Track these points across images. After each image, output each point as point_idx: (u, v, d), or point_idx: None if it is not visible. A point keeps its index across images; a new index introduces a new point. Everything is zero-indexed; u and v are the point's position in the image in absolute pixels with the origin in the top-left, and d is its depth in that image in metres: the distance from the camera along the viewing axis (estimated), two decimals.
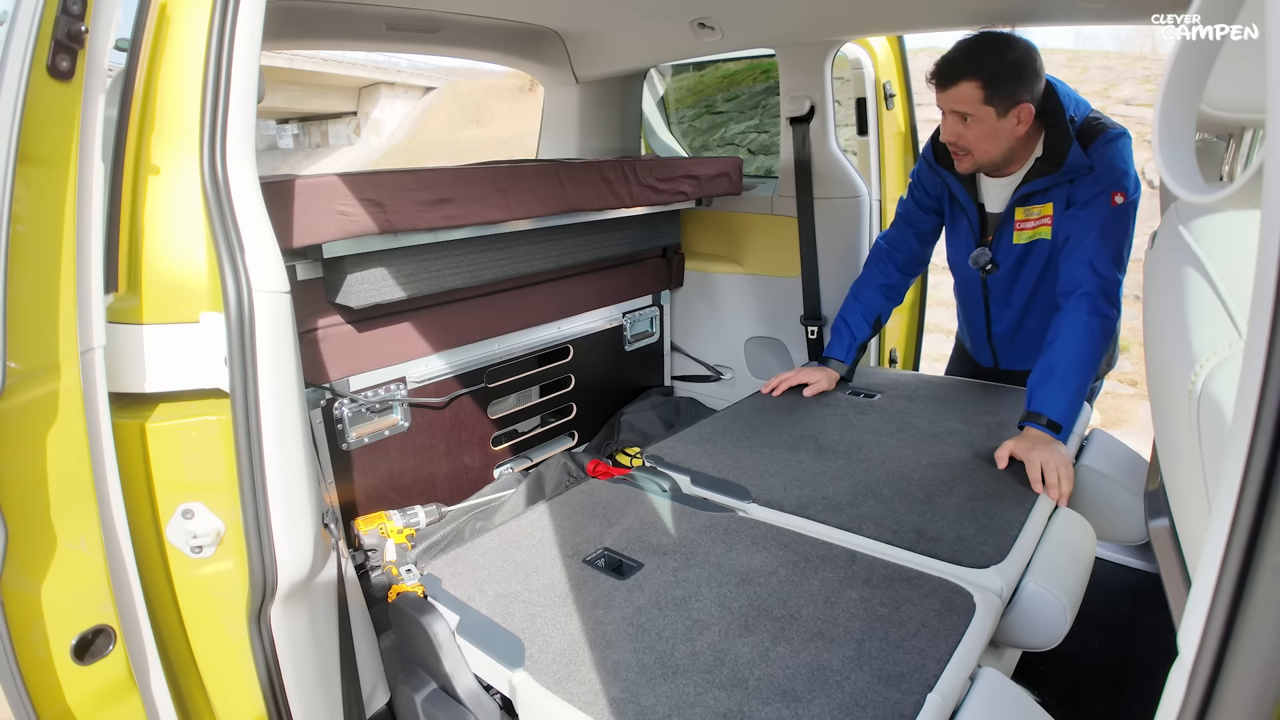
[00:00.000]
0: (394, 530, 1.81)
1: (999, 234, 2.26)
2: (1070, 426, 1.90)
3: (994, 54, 1.99)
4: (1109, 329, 1.98)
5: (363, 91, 33.95)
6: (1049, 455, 1.81)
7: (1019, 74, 1.98)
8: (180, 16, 1.19)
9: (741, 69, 6.18)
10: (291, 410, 1.27)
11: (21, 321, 1.00)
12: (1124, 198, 2.00)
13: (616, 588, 1.49)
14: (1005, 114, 2.01)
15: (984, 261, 2.31)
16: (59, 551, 1.06)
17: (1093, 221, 2.02)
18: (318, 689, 1.44)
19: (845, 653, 1.27)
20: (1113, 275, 1.99)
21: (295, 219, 1.67)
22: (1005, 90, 1.98)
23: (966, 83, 2.00)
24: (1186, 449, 0.70)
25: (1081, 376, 1.94)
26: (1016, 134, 2.05)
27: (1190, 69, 0.53)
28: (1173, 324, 0.80)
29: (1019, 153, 2.13)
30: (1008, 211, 2.21)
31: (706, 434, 2.18)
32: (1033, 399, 1.94)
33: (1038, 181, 2.10)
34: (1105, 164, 2.02)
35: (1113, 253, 2.00)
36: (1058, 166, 2.06)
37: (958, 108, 2.05)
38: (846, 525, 1.66)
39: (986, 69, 1.98)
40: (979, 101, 2.00)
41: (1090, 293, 1.97)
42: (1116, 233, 2.00)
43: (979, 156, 2.11)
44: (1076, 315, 1.97)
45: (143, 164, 1.19)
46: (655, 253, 3.08)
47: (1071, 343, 1.95)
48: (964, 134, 2.07)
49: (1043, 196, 2.14)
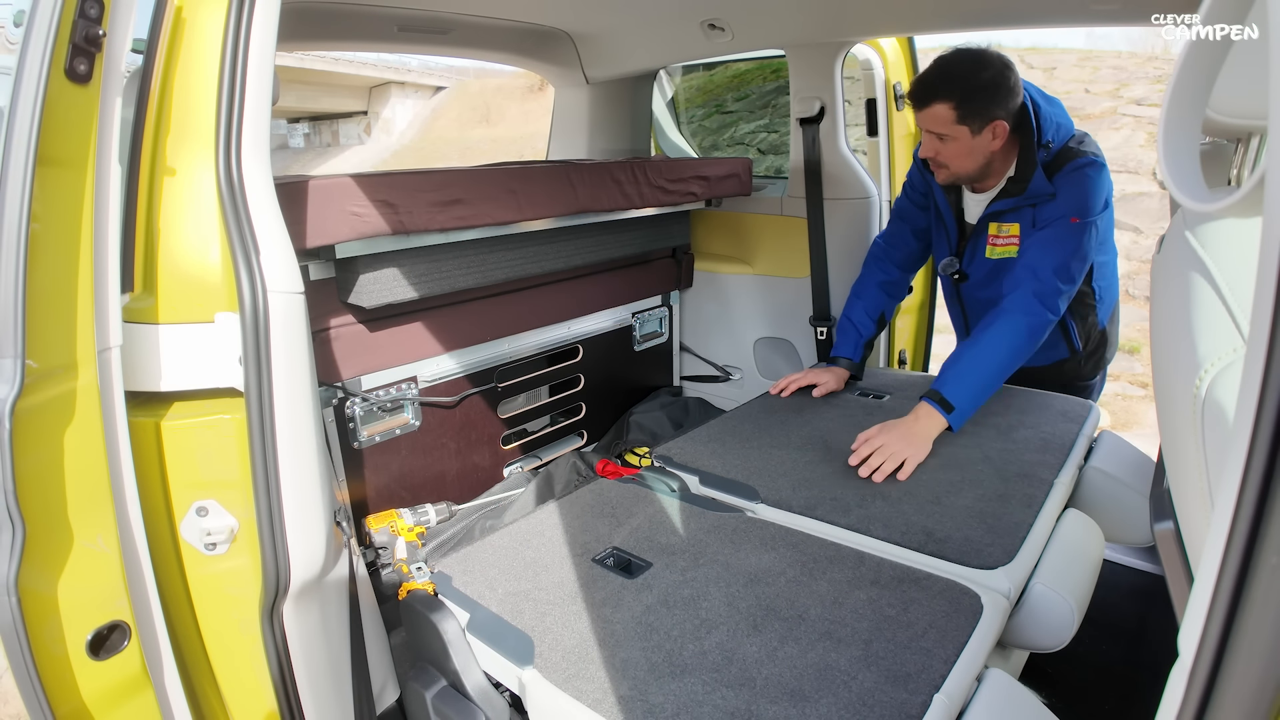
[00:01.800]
0: (404, 528, 1.82)
1: (972, 245, 2.30)
2: (964, 409, 1.98)
3: (967, 74, 2.02)
4: (1036, 328, 2.03)
5: (373, 91, 34.02)
6: (892, 440, 1.91)
7: (992, 93, 2.01)
8: (196, 19, 1.20)
9: (751, 68, 6.18)
10: (305, 409, 1.28)
11: (40, 321, 1.01)
12: (1080, 220, 2.04)
13: (625, 587, 1.50)
14: (979, 131, 2.05)
15: (952, 270, 2.38)
16: (75, 548, 1.07)
17: (1045, 234, 2.08)
18: (329, 685, 1.45)
19: (853, 653, 1.28)
20: (1051, 281, 2.03)
21: (309, 220, 1.69)
22: (978, 109, 2.02)
23: (940, 104, 2.03)
24: (1191, 453, 0.71)
25: (992, 366, 2.02)
26: (992, 149, 2.09)
27: (1196, 75, 0.53)
28: (1178, 329, 0.80)
29: (996, 167, 2.17)
30: (981, 224, 2.25)
31: (715, 434, 2.18)
32: (939, 377, 2.04)
33: (1006, 201, 2.15)
34: (1068, 192, 2.06)
35: (1056, 261, 2.04)
36: (1023, 189, 2.10)
37: (933, 128, 2.08)
38: (855, 526, 1.66)
39: (959, 90, 2.01)
40: (952, 121, 2.04)
41: (1026, 294, 2.03)
42: (1066, 245, 2.05)
43: (955, 170, 2.15)
44: (1005, 313, 2.03)
45: (159, 165, 1.20)
46: (665, 253, 3.09)
47: (992, 334, 2.03)
48: (940, 150, 2.11)
49: (1011, 215, 2.18)
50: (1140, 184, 9.44)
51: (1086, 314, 2.35)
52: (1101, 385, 2.65)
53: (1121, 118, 11.07)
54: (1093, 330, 2.39)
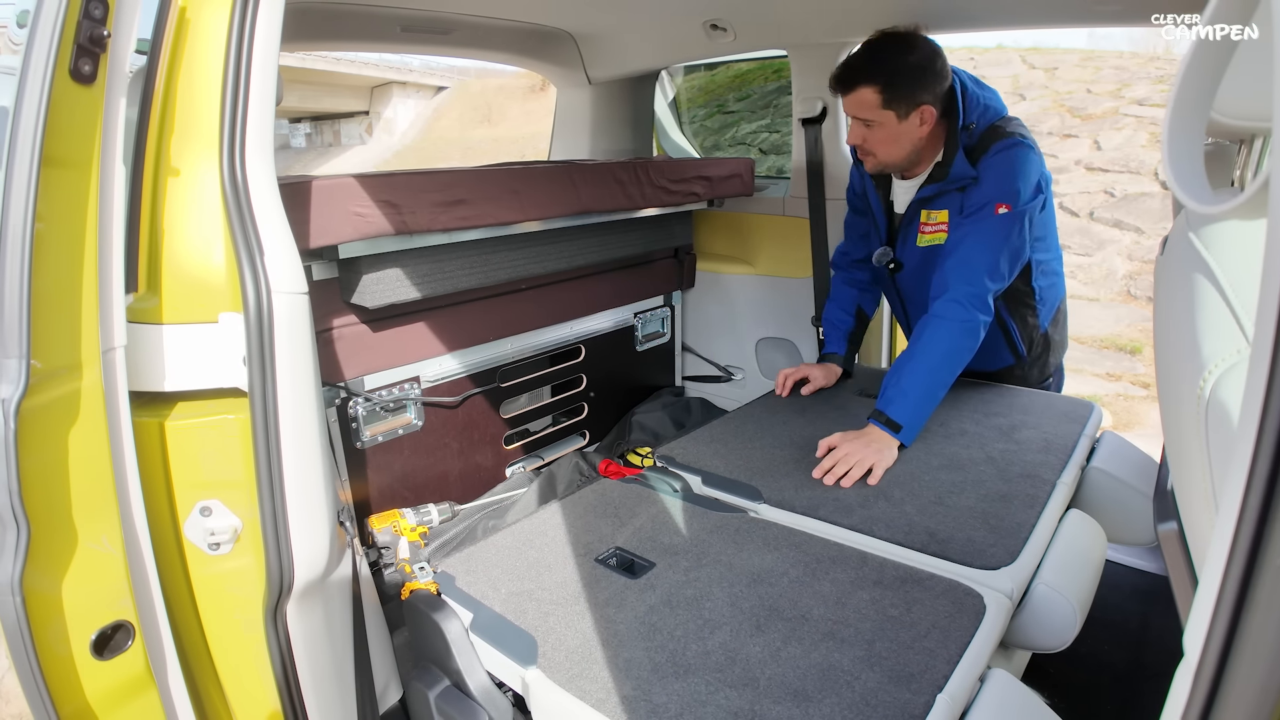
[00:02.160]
0: (407, 528, 1.83)
1: (904, 234, 2.27)
2: (911, 425, 1.94)
3: (893, 57, 1.99)
4: (970, 330, 1.98)
5: (375, 91, 34.03)
6: (856, 448, 1.89)
7: (919, 76, 1.98)
8: (200, 19, 1.20)
9: (753, 69, 6.18)
10: (309, 409, 1.28)
11: (45, 321, 1.01)
12: (1009, 208, 2.00)
13: (629, 587, 1.50)
14: (906, 116, 2.01)
15: (886, 260, 2.34)
16: (80, 548, 1.07)
17: (971, 228, 2.03)
18: (332, 685, 1.45)
19: (856, 653, 1.28)
20: (979, 281, 1.99)
21: (312, 220, 1.69)
22: (904, 93, 1.98)
23: (865, 88, 2.00)
24: (1195, 454, 0.71)
25: (931, 376, 1.97)
26: (920, 135, 2.06)
27: (1201, 77, 0.53)
28: (1182, 330, 0.80)
29: (924, 154, 2.13)
30: (911, 212, 2.22)
31: (718, 434, 2.18)
32: (881, 395, 1.99)
33: (932, 187, 2.12)
34: (992, 175, 2.02)
35: (984, 257, 2.00)
36: (947, 173, 2.07)
37: (858, 113, 2.05)
38: (857, 526, 1.66)
39: (885, 73, 1.98)
40: (878, 106, 2.00)
41: (953, 299, 1.99)
42: (994, 240, 2.00)
43: (882, 158, 2.12)
44: (936, 320, 2.00)
45: (163, 166, 1.20)
46: (667, 253, 3.09)
47: (925, 345, 1.98)
48: (867, 137, 2.08)
49: (940, 201, 2.14)
50: (1142, 184, 9.45)
51: (1026, 315, 2.30)
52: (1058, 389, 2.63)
53: (1123, 118, 11.07)
54: (1034, 334, 2.35)
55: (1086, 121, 11.34)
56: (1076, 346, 6.47)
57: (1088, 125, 11.19)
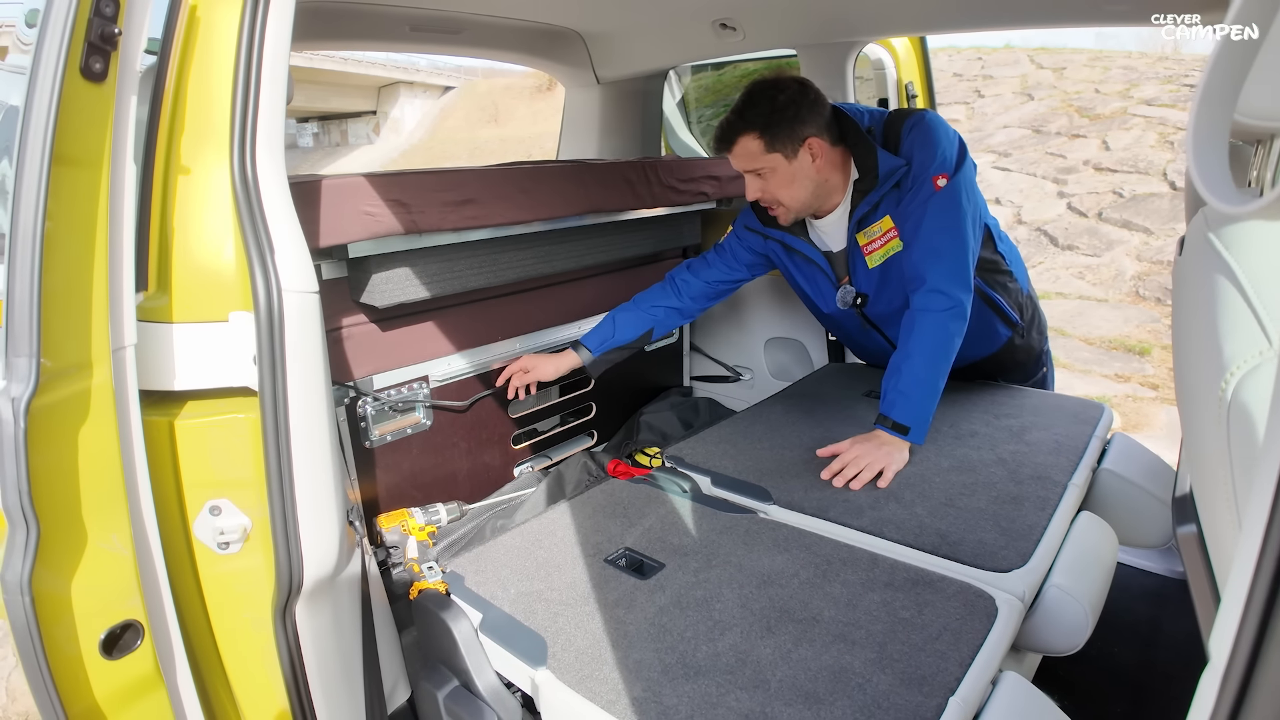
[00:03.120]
0: (416, 527, 1.82)
1: (853, 267, 2.22)
2: (919, 425, 1.92)
3: (761, 102, 1.96)
4: (957, 312, 1.96)
5: (382, 91, 34.13)
6: (865, 451, 1.87)
7: (793, 113, 1.95)
8: (210, 18, 1.20)
9: (761, 68, 6.17)
10: (319, 409, 1.28)
11: (55, 320, 1.01)
12: (947, 177, 1.97)
13: (638, 587, 1.49)
14: (795, 155, 1.99)
15: (850, 299, 2.26)
16: (89, 547, 1.07)
17: (920, 213, 2.00)
18: (340, 684, 1.45)
19: (867, 655, 1.27)
20: (954, 259, 1.97)
21: (322, 219, 1.69)
22: (785, 132, 1.96)
23: (744, 138, 1.98)
24: (1216, 456, 0.70)
25: (930, 370, 1.94)
26: (816, 170, 2.03)
27: (1226, 76, 0.52)
28: (1203, 331, 0.79)
29: (833, 185, 2.09)
30: (851, 243, 2.17)
31: (726, 435, 2.18)
32: (883, 400, 1.97)
33: (865, 202, 2.06)
34: (918, 153, 1.99)
35: (949, 236, 1.97)
36: (875, 180, 2.03)
37: (748, 165, 2.03)
38: (868, 528, 1.66)
39: (759, 119, 1.96)
40: (762, 152, 1.98)
41: (932, 288, 1.97)
42: (949, 213, 1.97)
43: (790, 204, 2.08)
44: (921, 314, 1.97)
45: (173, 164, 1.20)
46: (676, 253, 3.08)
47: (917, 341, 1.96)
48: (765, 187, 2.05)
49: (875, 214, 2.09)
50: (1151, 184, 9.41)
51: (1006, 281, 2.26)
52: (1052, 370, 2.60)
53: (1132, 118, 11.04)
54: (1020, 297, 2.31)
55: (1095, 121, 11.31)
56: (1085, 347, 6.45)
57: (1096, 125, 11.16)
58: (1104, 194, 9.55)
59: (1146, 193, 9.27)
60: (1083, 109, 11.79)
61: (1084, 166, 10.24)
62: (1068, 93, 12.53)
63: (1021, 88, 13.25)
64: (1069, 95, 12.41)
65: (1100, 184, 9.77)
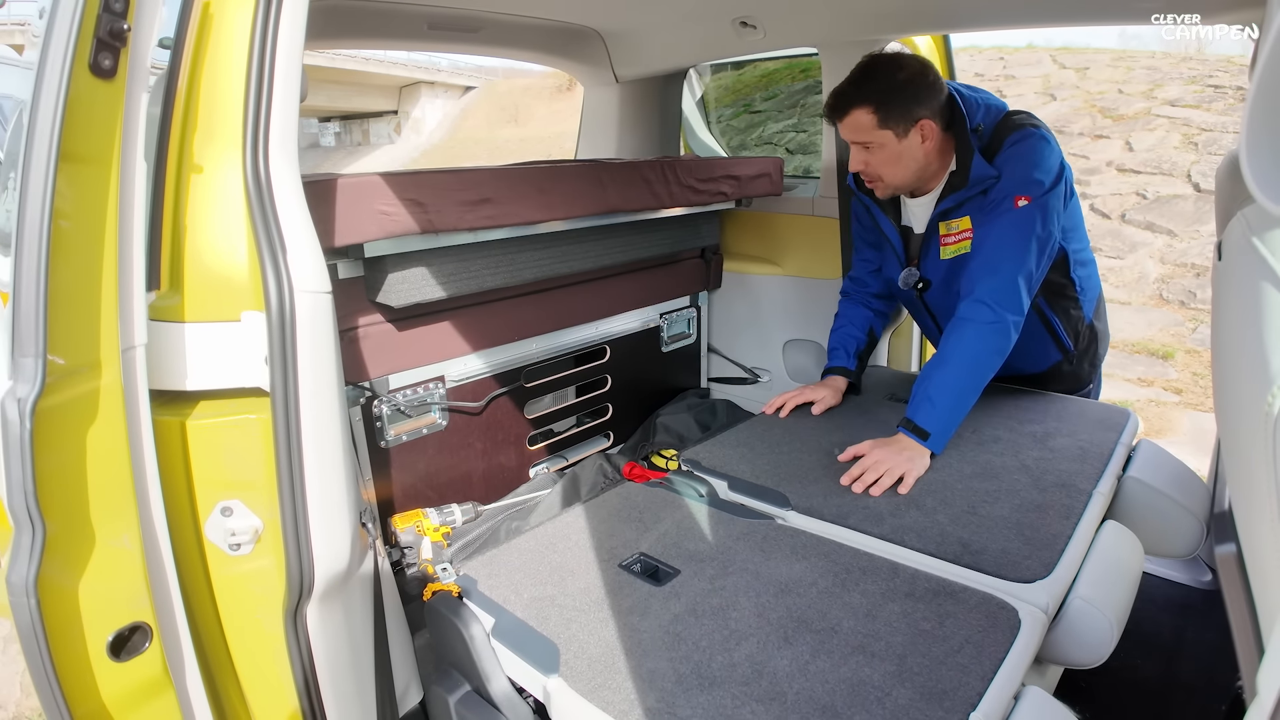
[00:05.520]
0: (430, 528, 1.81)
1: (925, 251, 2.22)
2: (940, 432, 1.91)
3: (882, 77, 1.96)
4: (1000, 331, 1.94)
5: (403, 90, 34.31)
6: (886, 455, 1.86)
7: (912, 92, 1.95)
8: (223, 15, 1.19)
9: (780, 68, 6.15)
10: (331, 410, 1.27)
11: (64, 319, 1.00)
12: (1029, 199, 1.96)
13: (653, 594, 1.47)
14: (906, 134, 1.98)
15: (913, 281, 2.28)
16: (98, 548, 1.06)
17: (993, 226, 2.00)
18: (352, 687, 1.44)
19: (887, 668, 1.24)
20: (1008, 277, 1.95)
21: (337, 218, 1.68)
22: (899, 111, 1.95)
23: (858, 110, 1.97)
24: (1260, 473, 0.67)
25: (961, 381, 1.93)
26: (923, 152, 2.02)
27: None
28: (1247, 341, 0.76)
29: (934, 169, 2.09)
30: (932, 228, 2.17)
31: (744, 438, 2.15)
32: (910, 403, 1.96)
33: (952, 197, 2.07)
34: (1010, 170, 1.98)
35: (1010, 255, 1.96)
36: (965, 181, 2.02)
37: (856, 137, 2.02)
38: (888, 536, 1.63)
39: (876, 93, 1.95)
40: (874, 127, 1.98)
41: (979, 300, 1.96)
42: (1018, 234, 1.96)
43: (890, 180, 2.08)
44: (962, 323, 1.96)
45: (185, 162, 1.19)
46: (694, 253, 3.06)
47: (953, 350, 1.95)
48: (870, 161, 2.05)
49: (960, 210, 2.09)
50: (1175, 186, 9.32)
51: (1069, 308, 2.25)
52: (1098, 389, 2.58)
53: (1155, 119, 10.92)
54: (1080, 325, 2.29)
55: (1118, 122, 11.20)
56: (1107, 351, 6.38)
57: (1119, 126, 11.05)
58: (1127, 195, 9.45)
59: (1170, 194, 9.17)
60: (1106, 109, 11.68)
61: (1107, 168, 10.15)
62: (1090, 93, 12.41)
63: (1044, 88, 13.14)
64: (1092, 95, 12.29)
65: (1123, 185, 9.68)
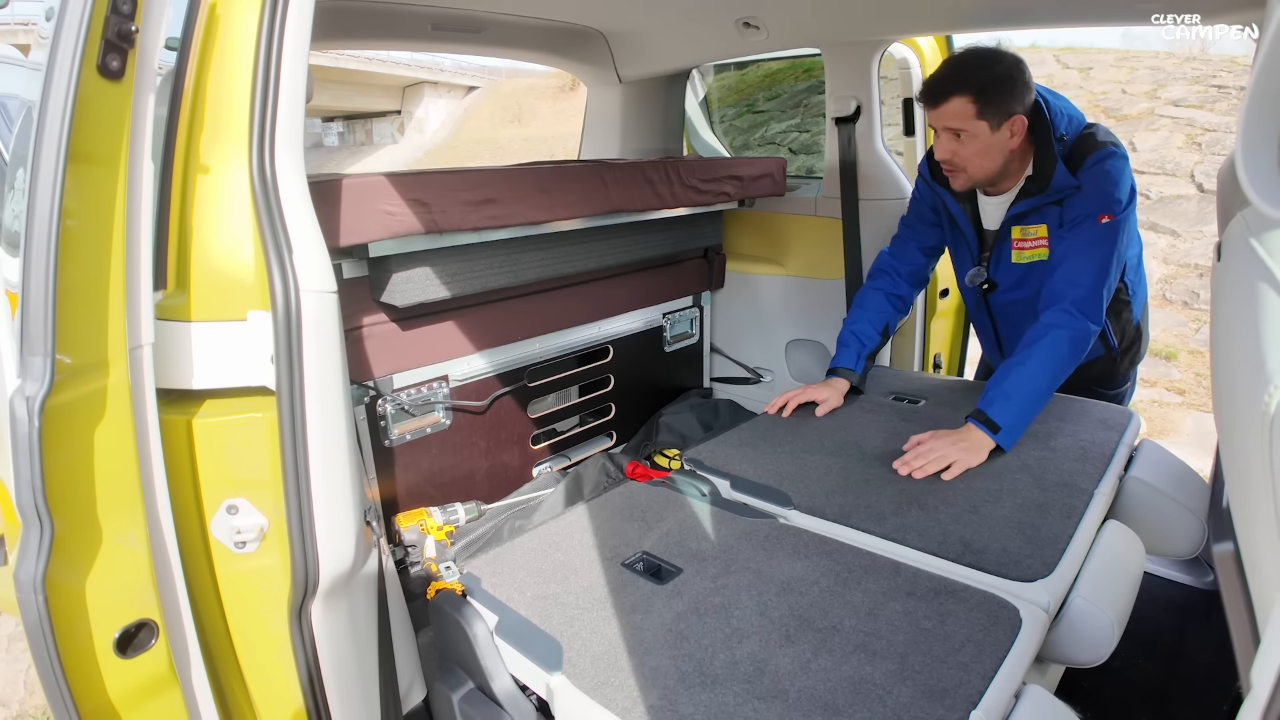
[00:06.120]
0: (434, 527, 1.82)
1: (997, 252, 2.24)
2: (1011, 429, 1.93)
3: (983, 68, 1.98)
4: (1080, 340, 1.98)
5: (407, 90, 34.34)
6: (941, 445, 1.89)
7: (1009, 86, 1.97)
8: (230, 17, 1.20)
9: (783, 68, 6.14)
10: (336, 409, 1.27)
11: (71, 318, 1.01)
12: (1111, 218, 1.99)
13: (655, 593, 1.48)
14: (999, 127, 2.00)
15: (980, 281, 2.31)
16: (105, 546, 1.07)
17: (1077, 241, 2.02)
18: (356, 684, 1.45)
19: (888, 666, 1.25)
20: (1093, 290, 1.99)
21: (342, 218, 1.68)
22: (997, 103, 1.97)
23: (958, 98, 1.98)
24: (1257, 472, 0.67)
25: (1038, 384, 1.96)
26: (1011, 147, 2.04)
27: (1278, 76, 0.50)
28: (1245, 341, 0.77)
29: (1013, 168, 2.11)
30: (1004, 230, 2.19)
31: (746, 438, 2.16)
32: (983, 397, 1.98)
33: (1027, 202, 2.09)
34: (1093, 185, 2.00)
35: (1094, 267, 2.00)
36: (1044, 187, 2.04)
37: (951, 124, 2.02)
38: (890, 535, 1.63)
39: (976, 83, 1.96)
40: (971, 116, 1.99)
41: (1065, 309, 1.98)
42: (1101, 249, 2.00)
43: (973, 173, 2.09)
44: (1049, 328, 1.98)
45: (192, 163, 1.20)
46: (696, 253, 3.07)
47: (1037, 351, 1.97)
48: (958, 150, 2.05)
49: (1036, 216, 2.12)
50: (1178, 187, 9.30)
51: (1121, 310, 2.29)
52: (1133, 389, 2.60)
53: (1159, 119, 10.90)
54: (1127, 326, 2.34)
55: (1122, 122, 11.17)
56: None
57: (1123, 126, 11.03)
58: None
59: (1174, 194, 9.16)
60: (1109, 109, 11.66)
61: None
62: (1094, 93, 12.38)
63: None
64: (1095, 95, 12.27)
65: None
